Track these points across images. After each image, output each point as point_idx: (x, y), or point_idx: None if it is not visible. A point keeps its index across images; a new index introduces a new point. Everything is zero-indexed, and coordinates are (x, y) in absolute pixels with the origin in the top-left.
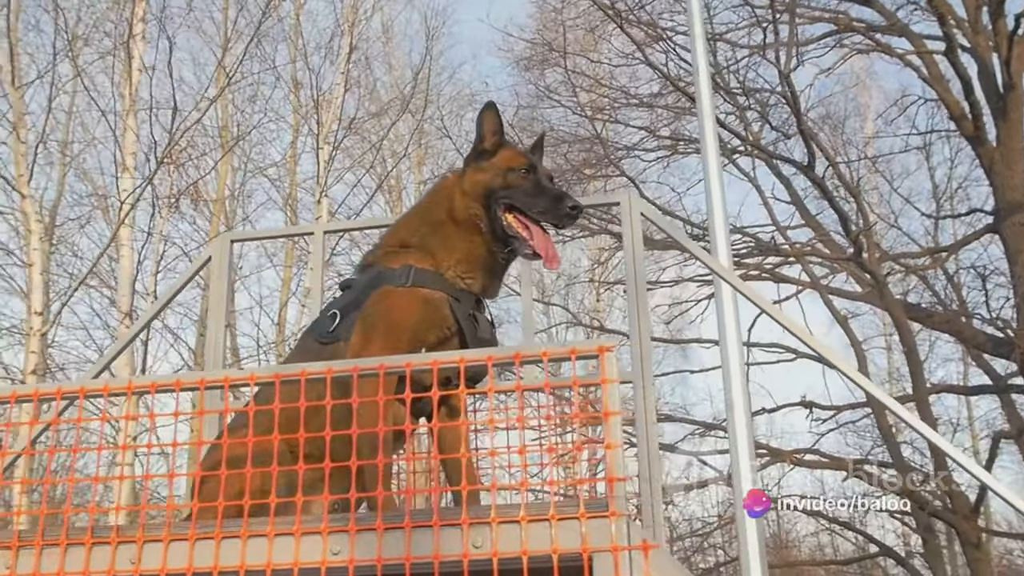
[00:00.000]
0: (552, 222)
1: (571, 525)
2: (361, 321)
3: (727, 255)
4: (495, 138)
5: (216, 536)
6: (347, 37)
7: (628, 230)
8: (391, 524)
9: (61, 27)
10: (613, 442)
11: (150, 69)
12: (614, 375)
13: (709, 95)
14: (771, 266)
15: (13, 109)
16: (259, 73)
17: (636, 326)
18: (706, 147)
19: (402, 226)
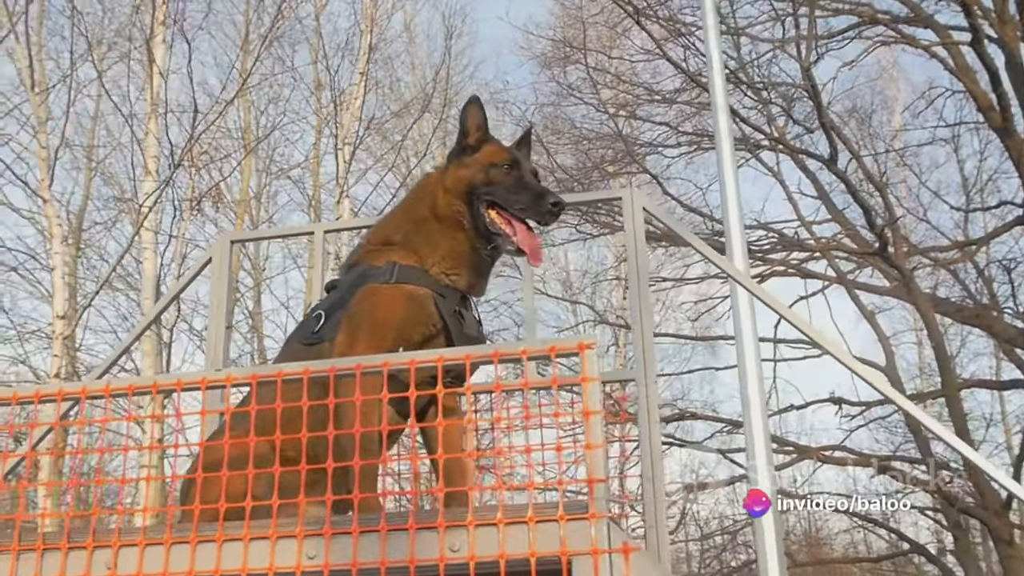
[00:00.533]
0: (533, 219)
1: (550, 528)
2: (346, 320)
3: (742, 251)
4: (479, 133)
5: (192, 540)
6: (366, 37)
7: (630, 226)
8: (366, 527)
9: (81, 32)
10: (593, 442)
11: (170, 72)
12: (594, 373)
13: (723, 90)
14: (797, 261)
15: (33, 114)
16: (279, 75)
17: (638, 323)
18: (720, 142)
19: (386, 224)
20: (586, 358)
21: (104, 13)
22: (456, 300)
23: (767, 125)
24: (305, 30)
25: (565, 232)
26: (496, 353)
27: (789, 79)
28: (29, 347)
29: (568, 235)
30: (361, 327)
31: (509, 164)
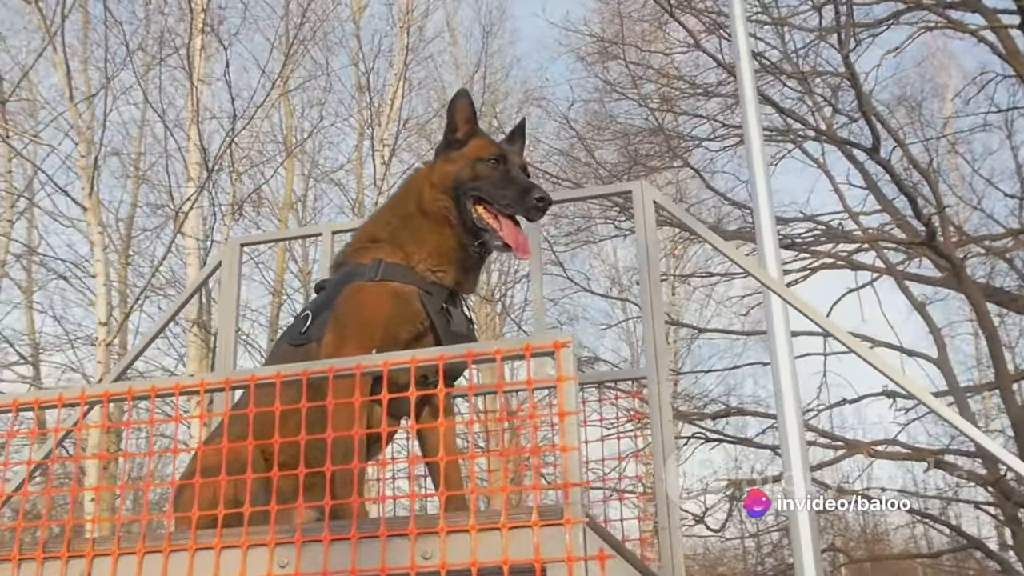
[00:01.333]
0: (519, 214)
1: (523, 534)
2: (333, 320)
3: (773, 244)
4: (467, 127)
5: (164, 550)
6: (402, 37)
7: (641, 219)
8: (336, 535)
9: (122, 40)
10: (569, 444)
11: (209, 79)
12: (570, 372)
13: (751, 82)
14: (846, 253)
15: (73, 125)
16: (319, 77)
17: (649, 319)
18: (749, 135)
19: (373, 221)
20: (561, 357)
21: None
22: (443, 297)
23: (811, 115)
24: (344, 32)
25: (610, 228)
26: (470, 353)
27: (830, 68)
28: (81, 354)
29: (610, 231)
30: (347, 326)
31: (496, 158)
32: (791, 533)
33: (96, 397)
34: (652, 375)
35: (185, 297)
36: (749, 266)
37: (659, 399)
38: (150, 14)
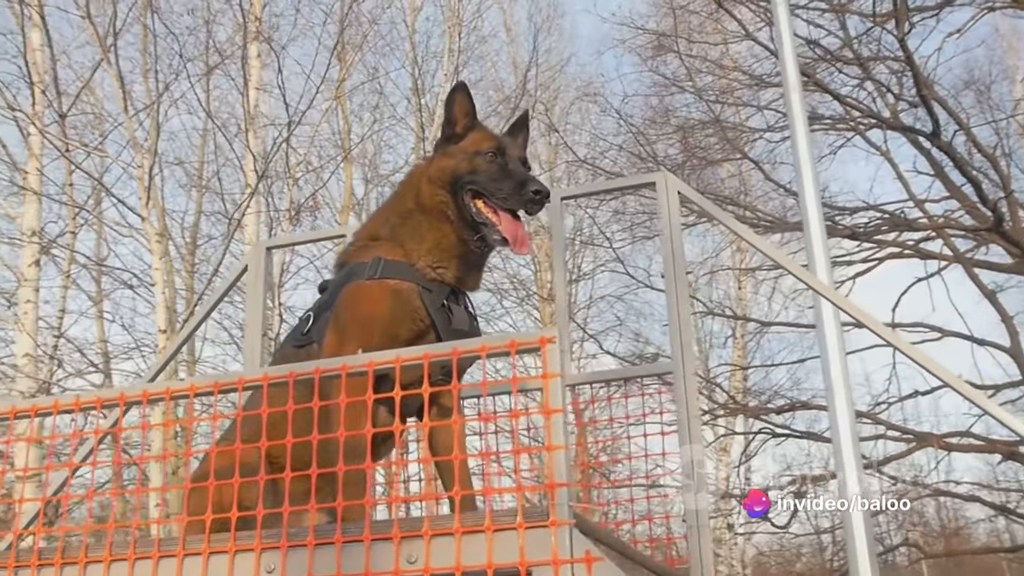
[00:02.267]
0: (515, 207)
1: (508, 536)
2: (333, 320)
3: (821, 233)
4: (466, 120)
5: (154, 556)
6: (453, 38)
7: (665, 211)
8: (321, 540)
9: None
10: (555, 443)
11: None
12: (556, 369)
13: (795, 68)
14: (912, 242)
15: (129, 137)
16: (373, 79)
17: (675, 313)
18: (794, 123)
19: (373, 219)
20: (547, 352)
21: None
22: (444, 294)
23: (873, 102)
24: (398, 35)
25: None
26: (455, 351)
27: (889, 53)
28: (151, 361)
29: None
30: (347, 326)
31: (494, 151)
32: (845, 531)
33: (111, 400)
34: (678, 370)
35: (214, 301)
36: (779, 258)
37: (685, 394)
38: (204, 24)
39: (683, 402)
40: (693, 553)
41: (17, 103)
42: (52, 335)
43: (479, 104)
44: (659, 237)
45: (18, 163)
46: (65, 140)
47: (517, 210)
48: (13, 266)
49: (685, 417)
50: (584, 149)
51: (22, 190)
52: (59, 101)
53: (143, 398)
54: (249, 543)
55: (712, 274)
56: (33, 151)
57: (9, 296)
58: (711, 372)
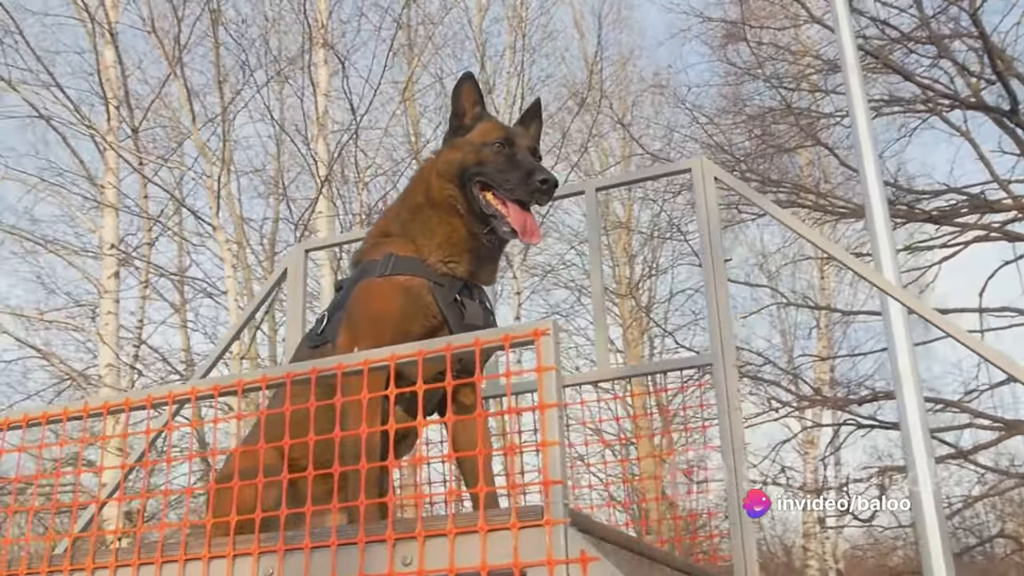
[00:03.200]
0: (522, 198)
1: (503, 537)
2: (346, 319)
3: (884, 219)
4: (475, 111)
5: (157, 560)
6: (516, 36)
7: (701, 198)
8: (317, 543)
9: (244, 62)
10: (550, 439)
11: (333, 92)
12: (551, 362)
13: (852, 48)
14: (998, 224)
15: (199, 150)
16: (442, 79)
17: (714, 303)
18: (854, 106)
19: (386, 215)
20: (541, 345)
21: (253, 42)
22: (456, 289)
23: (951, 82)
24: (464, 36)
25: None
26: (448, 347)
27: (965, 30)
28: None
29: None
30: (359, 325)
31: (501, 142)
32: (916, 526)
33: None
34: (718, 362)
35: (256, 304)
36: (826, 245)
37: (726, 387)
38: (269, 33)
39: (723, 395)
40: (736, 551)
41: (91, 119)
42: (132, 344)
43: (549, 101)
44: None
45: (96, 178)
46: (138, 154)
47: (524, 200)
48: (94, 278)
49: (725, 410)
50: (658, 143)
51: (100, 205)
52: (131, 116)
53: (191, 395)
54: (247, 547)
55: (794, 263)
56: (110, 166)
57: (92, 308)
58: (794, 363)
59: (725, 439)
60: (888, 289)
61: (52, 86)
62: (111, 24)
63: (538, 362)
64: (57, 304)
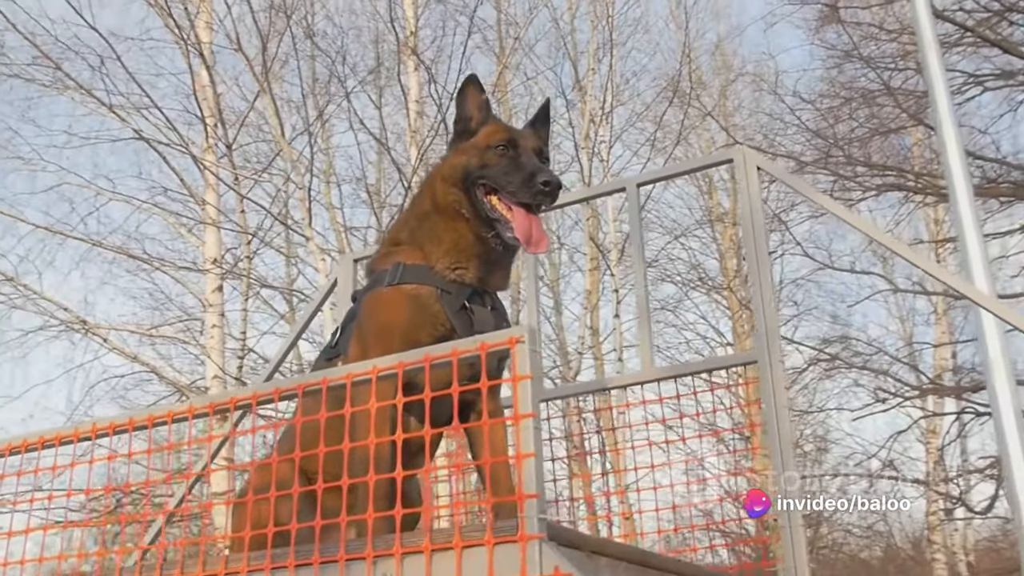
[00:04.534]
0: (524, 200)
1: (478, 553)
2: (357, 330)
3: (968, 198)
4: (480, 114)
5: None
6: (601, 31)
7: (744, 188)
8: (302, 561)
9: (335, 74)
10: (525, 451)
11: (425, 98)
12: (526, 371)
13: (930, 24)
14: None
15: (288, 159)
16: (534, 78)
17: (759, 296)
18: (932, 81)
19: (396, 224)
20: (516, 353)
21: (340, 52)
22: (464, 296)
23: None
24: (556, 34)
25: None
26: (427, 357)
27: None
28: None
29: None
30: (368, 336)
31: (504, 144)
32: (1013, 520)
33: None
34: (763, 358)
35: (310, 313)
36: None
37: (772, 384)
38: (355, 43)
39: (769, 393)
40: (786, 555)
41: (189, 138)
42: (236, 356)
43: (640, 92)
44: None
45: (196, 195)
46: (234, 170)
47: (527, 203)
48: (199, 293)
49: (772, 408)
50: (760, 134)
51: (200, 223)
52: (225, 133)
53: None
54: (236, 566)
55: (910, 247)
56: (208, 183)
57: (199, 321)
58: (913, 351)
59: (773, 439)
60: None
61: (151, 107)
62: (200, 44)
63: (513, 371)
64: (166, 318)
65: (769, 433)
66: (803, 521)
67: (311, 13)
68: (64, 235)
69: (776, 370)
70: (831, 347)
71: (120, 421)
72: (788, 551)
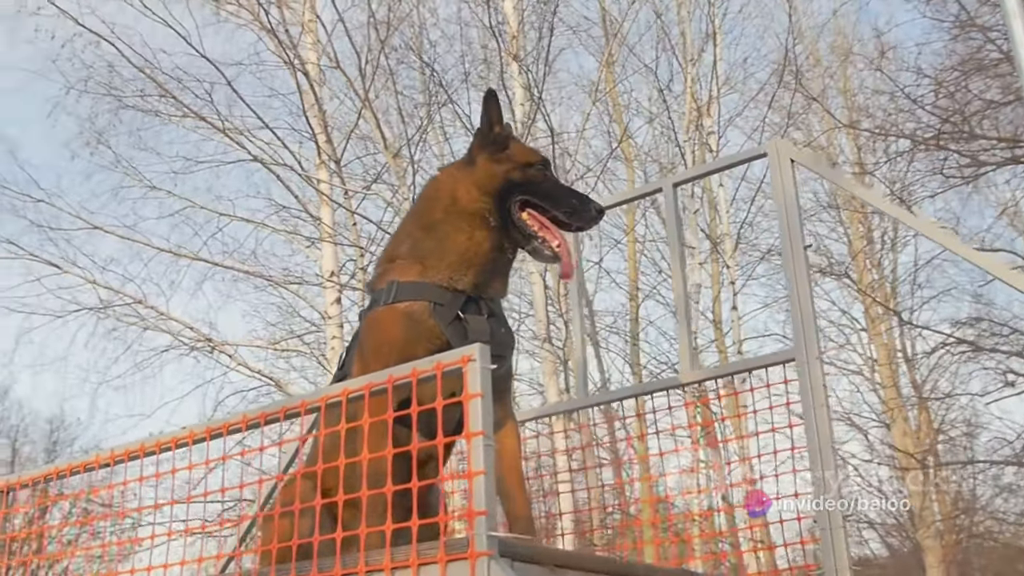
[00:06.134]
0: (578, 223)
1: (432, 571)
2: (358, 351)
3: None
4: (499, 128)
5: None
6: (703, 21)
7: (778, 182)
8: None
9: (437, 82)
10: (476, 469)
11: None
12: (477, 389)
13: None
14: None
15: (392, 171)
16: (641, 70)
17: (795, 293)
18: (1017, 48)
19: (394, 238)
20: (467, 372)
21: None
22: (457, 305)
23: None
24: (661, 28)
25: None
26: (391, 379)
27: None
28: None
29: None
30: (367, 356)
31: (543, 164)
32: None
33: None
34: (801, 356)
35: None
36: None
37: (810, 382)
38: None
39: (808, 391)
40: (826, 559)
41: (300, 155)
42: None
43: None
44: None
45: (310, 211)
46: (344, 186)
47: (579, 225)
48: (319, 306)
49: (811, 406)
50: (880, 111)
51: (318, 240)
52: (333, 150)
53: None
54: None
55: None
56: (324, 199)
57: (321, 334)
58: None
59: (812, 438)
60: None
61: (262, 128)
62: (303, 63)
63: (464, 389)
64: (293, 332)
65: (808, 432)
66: (843, 522)
67: (413, 24)
68: (190, 257)
69: (813, 367)
70: (964, 329)
71: (252, 415)
72: (828, 553)
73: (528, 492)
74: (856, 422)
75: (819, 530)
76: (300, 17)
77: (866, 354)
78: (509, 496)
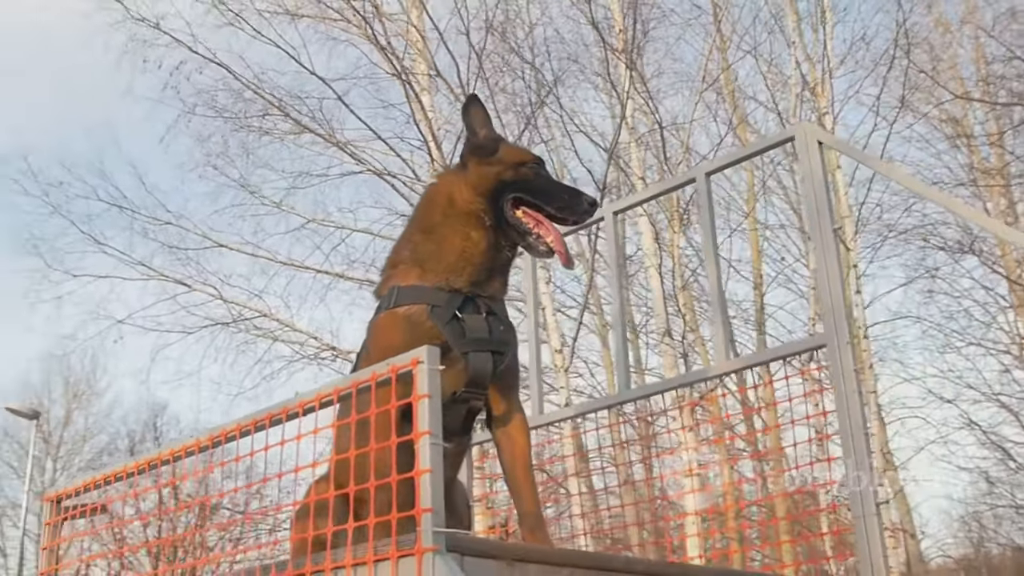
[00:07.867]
0: (571, 217)
1: (385, 567)
2: (364, 356)
3: None
4: (486, 131)
5: None
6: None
7: (806, 166)
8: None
9: (543, 82)
10: (423, 467)
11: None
12: (425, 390)
13: None
14: None
15: None
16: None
17: (825, 278)
18: None
19: (397, 244)
20: (417, 374)
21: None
22: (455, 304)
23: None
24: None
25: None
26: (355, 383)
27: None
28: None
29: None
30: (372, 359)
31: (536, 163)
32: None
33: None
34: (832, 341)
35: None
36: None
37: (841, 369)
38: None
39: (839, 377)
40: (860, 545)
41: (412, 162)
42: None
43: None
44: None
45: None
46: None
47: (573, 219)
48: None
49: (843, 393)
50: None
51: None
52: (442, 156)
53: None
54: None
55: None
56: None
57: None
58: None
59: (844, 427)
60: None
61: (375, 139)
62: (407, 73)
63: (413, 391)
64: None
65: (840, 421)
66: (876, 509)
67: (518, 25)
68: (314, 270)
69: (845, 354)
70: None
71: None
72: (861, 539)
73: (537, 487)
74: (1006, 403)
75: (853, 518)
76: (403, 29)
77: (1013, 331)
78: (517, 491)
